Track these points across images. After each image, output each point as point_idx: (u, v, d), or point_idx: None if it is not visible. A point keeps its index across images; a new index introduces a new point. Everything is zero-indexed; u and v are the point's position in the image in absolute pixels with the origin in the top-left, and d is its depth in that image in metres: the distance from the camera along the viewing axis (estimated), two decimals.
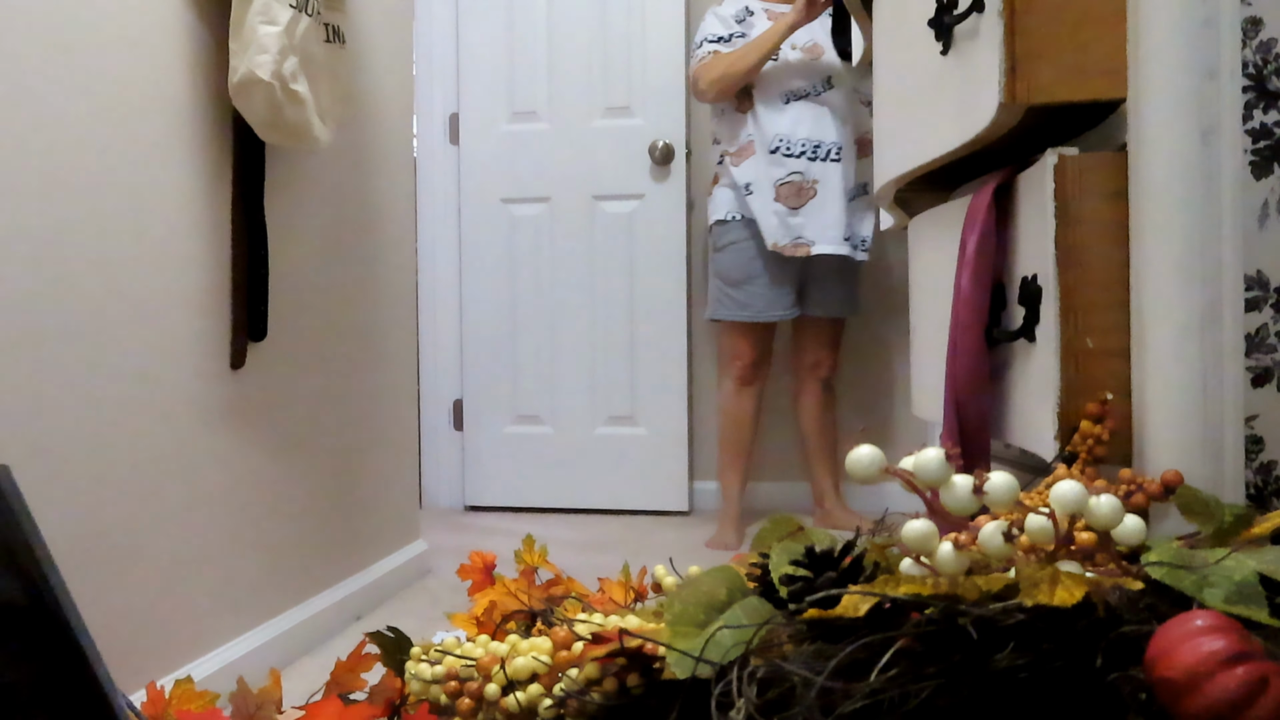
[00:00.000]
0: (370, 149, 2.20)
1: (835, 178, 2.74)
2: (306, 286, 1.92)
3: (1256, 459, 0.91)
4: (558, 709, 0.77)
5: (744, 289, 2.81)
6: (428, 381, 3.37)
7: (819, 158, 2.74)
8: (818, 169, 2.74)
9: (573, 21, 3.27)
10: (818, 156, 2.74)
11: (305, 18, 1.62)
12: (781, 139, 2.74)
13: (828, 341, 2.92)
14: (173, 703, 0.92)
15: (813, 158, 2.74)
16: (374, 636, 0.96)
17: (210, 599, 1.61)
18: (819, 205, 2.73)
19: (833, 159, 2.75)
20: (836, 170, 2.74)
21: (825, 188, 2.74)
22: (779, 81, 2.75)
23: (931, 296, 1.29)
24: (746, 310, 2.81)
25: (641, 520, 3.15)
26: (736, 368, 2.88)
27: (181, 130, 1.55)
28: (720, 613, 0.69)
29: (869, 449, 0.70)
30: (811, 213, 2.73)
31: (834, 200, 2.74)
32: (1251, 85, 0.92)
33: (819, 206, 2.73)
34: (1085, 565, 0.67)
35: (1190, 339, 0.83)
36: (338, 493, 2.05)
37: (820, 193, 2.74)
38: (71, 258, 1.32)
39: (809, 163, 2.74)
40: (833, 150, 2.75)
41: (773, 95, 2.75)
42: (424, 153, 3.34)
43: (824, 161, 2.74)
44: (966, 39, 1.02)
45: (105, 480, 1.38)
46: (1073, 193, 0.91)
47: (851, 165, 2.79)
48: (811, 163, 2.74)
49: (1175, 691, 0.55)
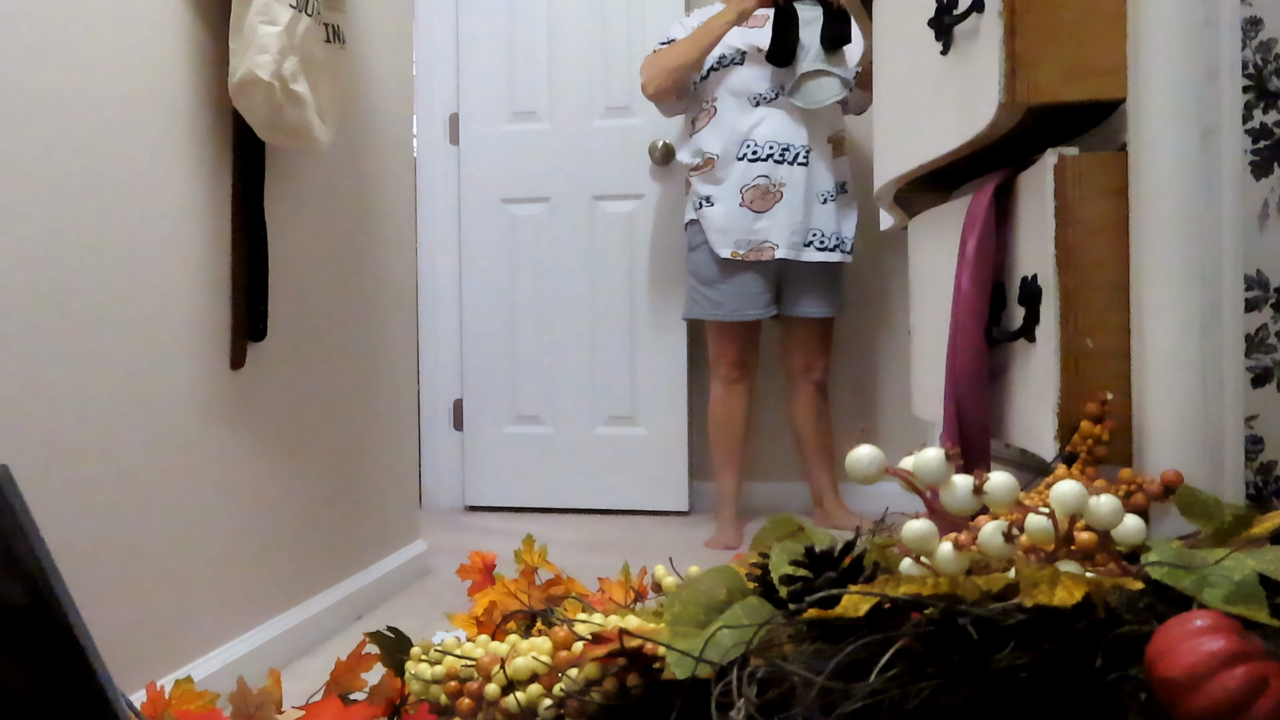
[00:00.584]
0: (370, 149, 2.20)
1: (802, 180, 2.74)
2: (306, 286, 1.92)
3: (1256, 459, 0.91)
4: (558, 709, 0.77)
5: (717, 288, 2.80)
6: (428, 381, 3.37)
7: (786, 160, 2.73)
8: (784, 172, 2.73)
9: (573, 21, 3.27)
10: (785, 159, 2.73)
11: (305, 18, 1.62)
12: (748, 142, 2.73)
13: (816, 344, 2.91)
14: (173, 703, 0.92)
15: (780, 160, 2.73)
16: (374, 636, 0.96)
17: (210, 599, 1.61)
18: (784, 208, 2.72)
19: (799, 162, 2.74)
20: (803, 173, 2.74)
21: (792, 190, 2.73)
22: (746, 84, 2.75)
23: (931, 297, 1.29)
24: (720, 309, 2.81)
25: (641, 520, 3.15)
26: (721, 367, 2.88)
27: (181, 130, 1.55)
28: (720, 613, 0.69)
29: (869, 449, 0.70)
30: (778, 216, 2.72)
31: (800, 204, 2.73)
32: (1251, 85, 0.92)
33: (785, 210, 2.72)
34: (1085, 565, 0.67)
35: (1190, 339, 0.83)
36: (338, 493, 2.05)
37: (786, 195, 2.73)
38: (71, 258, 1.32)
39: (775, 165, 2.73)
40: (800, 153, 2.74)
41: (740, 98, 2.75)
42: (424, 153, 3.34)
43: (791, 165, 2.73)
44: (966, 39, 1.02)
45: (105, 480, 1.38)
46: (1073, 193, 0.91)
47: (825, 166, 2.78)
48: (779, 165, 2.73)
49: (1175, 691, 0.55)
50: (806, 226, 2.75)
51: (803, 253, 2.76)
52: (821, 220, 2.77)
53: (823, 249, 2.78)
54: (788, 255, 2.74)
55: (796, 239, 2.74)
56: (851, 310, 3.11)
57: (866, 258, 3.11)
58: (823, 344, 2.93)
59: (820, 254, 2.78)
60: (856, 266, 3.03)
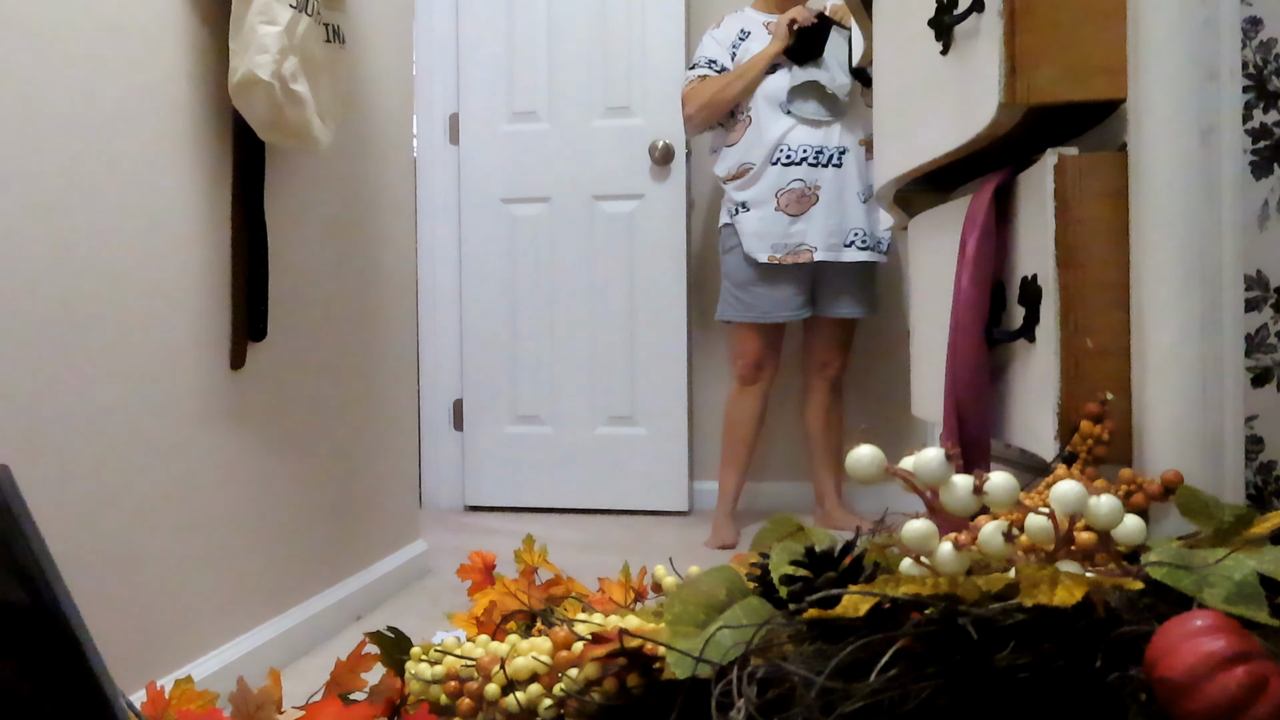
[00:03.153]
0: (370, 149, 2.20)
1: (838, 182, 2.75)
2: (306, 286, 1.92)
3: (1256, 459, 0.91)
4: (558, 709, 0.77)
5: (750, 290, 2.82)
6: (428, 381, 3.37)
7: (820, 163, 2.74)
8: (819, 174, 2.74)
9: (573, 21, 3.27)
10: (819, 162, 2.74)
11: (305, 18, 1.62)
12: (782, 147, 2.74)
13: (837, 342, 2.93)
14: (173, 703, 0.92)
15: (814, 163, 2.74)
16: (374, 636, 0.96)
17: (210, 599, 1.61)
18: (821, 211, 2.74)
19: (834, 164, 2.75)
20: (839, 175, 2.75)
21: (827, 193, 2.74)
22: (779, 91, 2.76)
23: (931, 296, 1.29)
24: (753, 311, 2.82)
25: (641, 520, 3.15)
26: (739, 366, 2.89)
27: (181, 130, 1.55)
28: (720, 613, 0.69)
29: (869, 449, 0.70)
30: (814, 219, 2.74)
31: (836, 205, 2.75)
32: (1251, 85, 0.92)
33: (821, 212, 2.74)
34: (1085, 565, 0.67)
35: (1190, 339, 0.83)
36: (338, 493, 2.05)
37: (822, 198, 2.74)
38: (71, 258, 1.32)
39: (810, 169, 2.74)
40: (835, 155, 2.75)
41: (773, 104, 2.76)
42: (424, 153, 3.34)
43: (825, 167, 2.74)
44: (966, 39, 1.02)
45: (105, 480, 1.38)
46: (1073, 193, 0.91)
47: (860, 167, 2.78)
48: (813, 168, 2.74)
49: (1175, 691, 0.55)
50: (845, 227, 2.77)
51: (843, 253, 2.77)
52: (860, 219, 2.78)
53: (864, 248, 2.79)
54: (826, 257, 2.75)
55: (835, 240, 2.76)
56: None
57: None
58: (843, 343, 2.94)
59: (861, 253, 2.79)
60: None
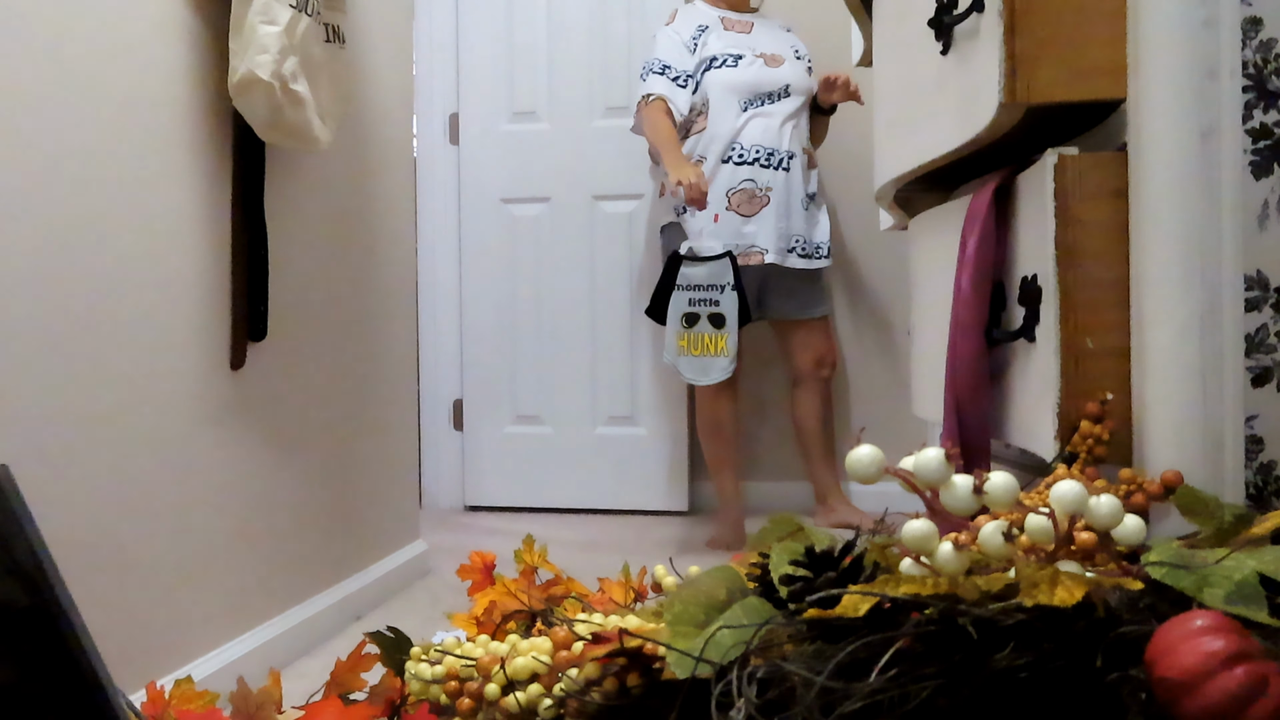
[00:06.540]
0: (370, 149, 2.20)
1: (786, 188, 2.73)
2: (306, 286, 1.92)
3: (1256, 459, 0.91)
4: (558, 709, 0.77)
5: None
6: (428, 381, 3.37)
7: (771, 165, 2.73)
8: (769, 176, 2.72)
9: (573, 21, 3.27)
10: (770, 164, 2.73)
11: (305, 18, 1.62)
12: (735, 144, 2.73)
13: (823, 342, 2.92)
14: (173, 703, 0.92)
15: (765, 165, 2.72)
16: (374, 636, 0.96)
17: (210, 599, 1.61)
18: (772, 214, 2.71)
19: (784, 168, 2.73)
20: (788, 180, 2.73)
21: (778, 196, 2.72)
22: (736, 86, 2.74)
23: (931, 296, 1.29)
24: None
25: (641, 520, 3.15)
26: None
27: (181, 130, 1.55)
28: (720, 613, 0.69)
29: (869, 449, 0.70)
30: (765, 221, 2.71)
31: (784, 210, 2.73)
32: (1251, 85, 0.92)
33: (772, 215, 2.71)
34: (1085, 565, 0.67)
35: (1190, 339, 0.83)
36: (338, 493, 2.05)
37: (773, 200, 2.72)
38: (71, 258, 1.32)
39: (761, 169, 2.72)
40: (785, 160, 2.73)
41: (730, 99, 2.74)
42: (424, 153, 3.34)
43: (775, 170, 2.73)
44: (966, 39, 1.02)
45: (105, 480, 1.38)
46: (1073, 193, 0.91)
47: (802, 174, 2.77)
48: (764, 170, 2.72)
49: (1175, 691, 0.55)
50: (790, 233, 2.75)
51: (787, 259, 2.76)
52: (801, 226, 2.78)
53: (805, 255, 2.78)
54: (776, 261, 2.73)
55: (783, 245, 2.74)
56: (848, 310, 3.11)
57: (864, 259, 3.11)
58: (825, 343, 2.93)
59: (803, 261, 2.78)
60: (860, 269, 3.03)
